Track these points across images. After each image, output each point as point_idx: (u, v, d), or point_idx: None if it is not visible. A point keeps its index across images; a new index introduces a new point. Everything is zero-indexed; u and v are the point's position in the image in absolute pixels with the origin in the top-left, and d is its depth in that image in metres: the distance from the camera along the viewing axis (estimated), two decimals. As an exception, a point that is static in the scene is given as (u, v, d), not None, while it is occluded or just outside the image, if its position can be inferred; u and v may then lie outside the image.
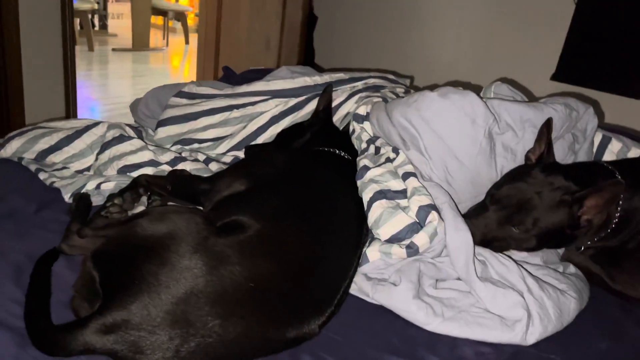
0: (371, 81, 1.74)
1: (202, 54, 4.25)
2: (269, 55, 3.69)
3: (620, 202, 1.27)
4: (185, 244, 0.94)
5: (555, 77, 2.84)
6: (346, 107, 1.66)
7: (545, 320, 1.07)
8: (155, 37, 7.39)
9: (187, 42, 7.41)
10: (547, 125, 1.28)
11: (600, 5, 2.63)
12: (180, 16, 7.50)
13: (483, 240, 1.23)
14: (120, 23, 8.05)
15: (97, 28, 7.34)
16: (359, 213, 1.22)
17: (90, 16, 6.63)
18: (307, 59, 3.56)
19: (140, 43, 6.61)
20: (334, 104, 1.68)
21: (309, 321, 0.97)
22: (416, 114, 1.31)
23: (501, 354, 1.03)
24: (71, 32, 3.30)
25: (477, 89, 1.51)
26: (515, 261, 1.18)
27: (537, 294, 1.10)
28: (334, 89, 1.70)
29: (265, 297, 0.93)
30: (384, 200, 1.20)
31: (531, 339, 1.06)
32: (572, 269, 1.30)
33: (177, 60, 7.07)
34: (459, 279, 1.18)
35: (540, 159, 1.29)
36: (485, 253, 1.19)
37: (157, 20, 7.74)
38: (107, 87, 5.40)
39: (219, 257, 0.92)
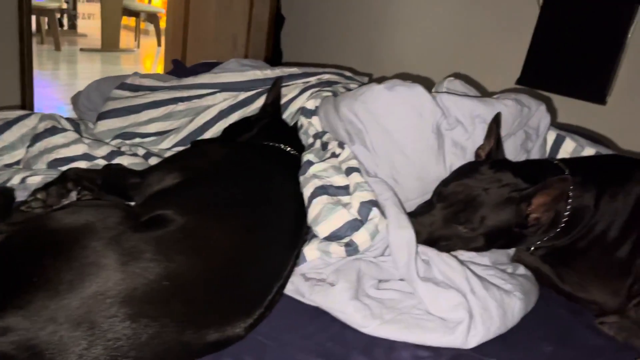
0: (325, 77, 1.69)
1: (169, 53, 4.16)
2: (236, 55, 3.63)
3: (570, 201, 1.23)
4: (97, 239, 0.86)
5: (520, 81, 2.83)
6: (298, 102, 1.60)
7: (488, 322, 1.02)
8: (127, 39, 7.26)
9: (159, 44, 7.28)
10: (496, 120, 1.24)
11: (563, 11, 2.64)
12: (153, 18, 7.37)
13: (429, 239, 1.18)
14: (91, 23, 7.89)
15: (65, 28, 7.17)
16: (299, 210, 1.16)
17: (58, 15, 6.47)
18: (274, 59, 3.50)
19: (109, 44, 6.47)
20: (285, 99, 1.61)
21: (234, 323, 0.90)
22: (362, 107, 1.26)
23: (440, 357, 0.97)
24: (28, 28, 3.19)
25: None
26: (460, 261, 1.13)
27: (480, 295, 1.05)
28: (286, 83, 1.65)
29: (183, 296, 0.85)
30: (324, 196, 1.14)
31: (473, 342, 1.00)
32: (522, 269, 1.26)
33: (149, 62, 6.94)
34: (402, 279, 1.13)
35: (490, 156, 1.25)
36: (429, 252, 1.14)
37: (129, 21, 7.61)
38: (74, 87, 5.24)
39: (132, 253, 0.85)
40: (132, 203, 1.16)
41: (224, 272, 0.92)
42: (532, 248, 1.29)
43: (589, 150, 1.47)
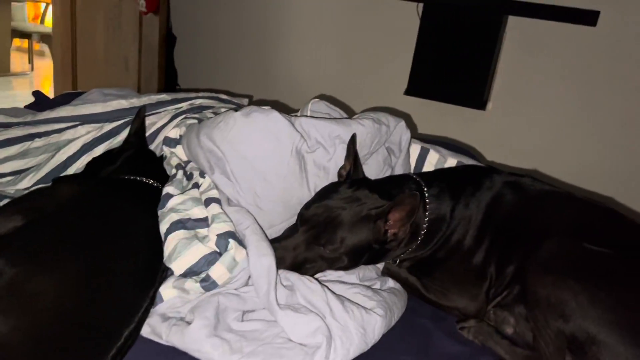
0: (198, 102, 1.66)
1: (59, 76, 3.94)
2: (128, 77, 3.51)
3: (427, 213, 1.29)
4: None
5: (408, 91, 2.95)
6: (168, 130, 1.55)
7: (348, 343, 1.03)
8: (22, 61, 6.80)
9: (56, 65, 6.88)
10: (352, 140, 1.27)
11: (440, 22, 2.78)
12: (47, 38, 6.96)
13: (294, 263, 1.18)
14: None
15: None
16: (156, 248, 1.12)
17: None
18: (168, 79, 3.41)
19: (-1, 68, 6.03)
20: (155, 127, 1.56)
21: (72, 379, 0.85)
22: (220, 135, 1.24)
23: (298, 385, 0.97)
24: None
25: (339, 105, 1.50)
26: (322, 283, 1.13)
27: (340, 317, 1.06)
28: (156, 111, 1.60)
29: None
30: (181, 231, 1.11)
31: (333, 365, 1.01)
32: (390, 283, 1.29)
33: (47, 85, 6.54)
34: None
35: (349, 175, 1.28)
36: (292, 277, 1.14)
37: (23, 43, 7.15)
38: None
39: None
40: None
41: (55, 328, 0.86)
42: (398, 261, 1.33)
43: (451, 161, 1.54)
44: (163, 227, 1.13)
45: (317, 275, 1.23)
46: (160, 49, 3.34)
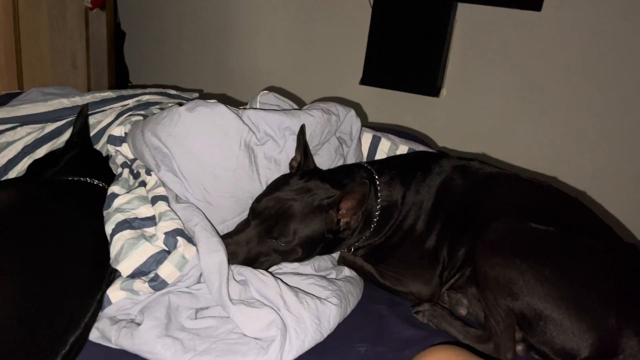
0: (145, 98, 1.61)
1: (3, 77, 3.74)
2: (77, 75, 3.39)
3: (379, 200, 1.29)
4: None
5: (363, 81, 2.96)
6: (113, 128, 1.50)
7: (302, 335, 1.03)
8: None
9: (2, 65, 6.58)
10: (301, 131, 1.27)
11: (392, 10, 2.79)
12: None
13: (247, 257, 1.17)
14: None
15: None
16: (102, 250, 1.08)
17: None
18: (119, 77, 3.31)
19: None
20: (101, 125, 1.51)
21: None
22: (165, 131, 1.21)
23: (253, 380, 0.96)
24: None
25: (289, 96, 1.48)
26: (274, 275, 1.13)
27: (294, 309, 1.06)
28: (101, 109, 1.55)
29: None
30: (127, 231, 1.08)
31: (288, 358, 1.00)
32: (346, 271, 1.29)
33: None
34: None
35: (300, 166, 1.27)
36: (245, 272, 1.13)
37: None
38: None
39: None
40: None
41: None
42: (353, 249, 1.33)
43: (403, 148, 1.55)
44: (109, 228, 1.10)
45: (272, 269, 1.22)
46: (109, 46, 3.23)
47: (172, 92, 1.76)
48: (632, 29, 2.43)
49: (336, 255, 1.36)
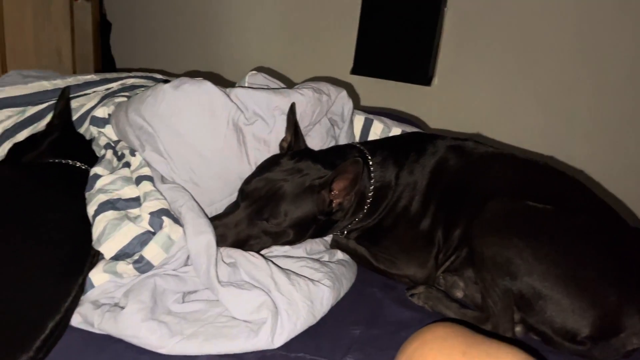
0: (130, 81, 1.56)
1: (-14, 70, 3.70)
2: (62, 67, 3.31)
3: (372, 181, 1.26)
4: None
5: (354, 71, 2.93)
6: (97, 110, 1.45)
7: (294, 317, 0.99)
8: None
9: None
10: (291, 110, 1.22)
11: (383, -1, 2.76)
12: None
13: (237, 240, 1.13)
14: None
15: None
16: (84, 232, 1.04)
17: None
18: (106, 68, 3.25)
19: None
20: (84, 109, 1.45)
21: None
22: (150, 110, 1.17)
23: (242, 364, 0.92)
24: None
25: (279, 77, 1.44)
26: (264, 257, 1.09)
27: (285, 290, 1.02)
28: (85, 92, 1.49)
29: None
30: (109, 212, 1.04)
31: (279, 340, 0.96)
32: (339, 255, 1.26)
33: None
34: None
35: (291, 147, 1.23)
36: (234, 254, 1.08)
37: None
38: None
39: None
40: None
41: None
42: (346, 232, 1.30)
43: (396, 130, 1.52)
44: (91, 209, 1.05)
45: (262, 251, 1.18)
46: (95, 37, 3.17)
47: (158, 76, 1.70)
48: (628, 15, 2.41)
49: (328, 238, 1.32)
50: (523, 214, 1.12)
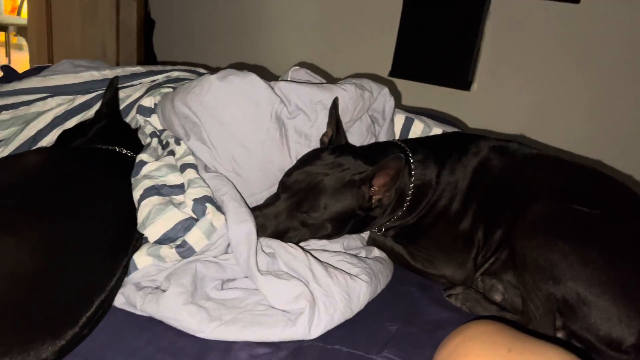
0: (174, 74, 1.59)
1: (34, 64, 3.84)
2: (106, 62, 3.42)
3: (413, 179, 1.25)
4: None
5: (392, 73, 2.92)
6: (144, 99, 1.49)
7: (332, 309, 0.99)
8: (-1, 55, 6.65)
9: (34, 58, 6.72)
10: (334, 105, 1.23)
11: (424, 2, 2.75)
12: (25, 31, 6.79)
13: (276, 231, 1.14)
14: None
15: None
16: (129, 216, 1.06)
17: None
18: (148, 64, 3.33)
19: (-28, 61, 5.86)
20: (131, 99, 1.50)
21: (37, 348, 0.79)
22: (196, 100, 1.19)
23: (279, 352, 0.93)
24: None
25: (321, 73, 1.45)
26: (303, 249, 1.09)
27: (323, 282, 1.02)
28: (131, 83, 1.53)
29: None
30: (154, 197, 1.06)
31: (316, 332, 0.96)
32: (376, 252, 1.25)
33: (24, 79, 6.37)
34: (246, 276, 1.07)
35: (332, 142, 1.23)
36: (273, 244, 1.09)
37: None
38: None
39: None
40: None
41: (16, 294, 0.80)
42: (384, 229, 1.29)
43: (436, 130, 1.50)
44: (136, 194, 1.08)
45: (300, 244, 1.18)
46: (139, 34, 3.25)
47: (202, 70, 1.74)
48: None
49: (365, 235, 1.31)
50: (569, 217, 1.08)
